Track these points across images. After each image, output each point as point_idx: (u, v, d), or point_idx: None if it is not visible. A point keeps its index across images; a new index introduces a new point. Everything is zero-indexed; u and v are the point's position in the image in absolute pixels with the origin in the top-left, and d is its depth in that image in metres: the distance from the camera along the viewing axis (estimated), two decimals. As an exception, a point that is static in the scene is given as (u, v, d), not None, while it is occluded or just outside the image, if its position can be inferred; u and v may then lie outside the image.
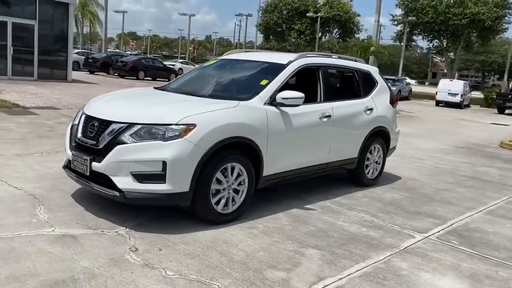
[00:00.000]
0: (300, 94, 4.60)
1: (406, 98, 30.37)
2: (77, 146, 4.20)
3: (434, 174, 7.51)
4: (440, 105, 28.26)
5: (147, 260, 3.34)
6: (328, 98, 5.36)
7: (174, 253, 3.50)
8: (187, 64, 42.76)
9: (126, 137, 3.83)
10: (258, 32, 50.41)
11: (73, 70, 20.69)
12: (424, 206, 5.52)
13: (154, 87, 5.40)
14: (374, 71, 6.41)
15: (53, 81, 17.83)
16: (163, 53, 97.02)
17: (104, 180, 3.90)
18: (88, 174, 3.98)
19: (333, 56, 6.07)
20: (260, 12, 48.32)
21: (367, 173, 6.12)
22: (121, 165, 3.78)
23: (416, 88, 42.41)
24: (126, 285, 2.95)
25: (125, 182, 3.77)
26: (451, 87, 28.05)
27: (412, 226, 4.71)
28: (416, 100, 31.67)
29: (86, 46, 66.12)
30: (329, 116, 5.21)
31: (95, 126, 4.06)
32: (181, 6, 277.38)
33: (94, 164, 3.91)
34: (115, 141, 3.85)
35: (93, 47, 70.98)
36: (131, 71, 27.48)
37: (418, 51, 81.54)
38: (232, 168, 4.21)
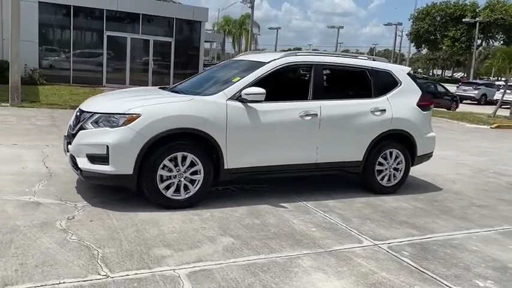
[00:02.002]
0: (261, 90, 4.68)
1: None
2: (67, 133, 5.02)
3: (493, 190, 6.52)
4: None
5: (68, 227, 3.89)
6: (319, 96, 5.25)
7: (97, 225, 3.98)
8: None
9: (88, 124, 4.48)
10: (409, 40, 47.95)
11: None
12: (423, 218, 4.97)
13: (159, 87, 5.98)
14: (397, 70, 5.96)
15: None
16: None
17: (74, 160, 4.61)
18: (66, 154, 4.73)
19: (335, 54, 5.85)
20: (411, 20, 46.00)
21: (381, 180, 5.71)
22: (80, 148, 4.44)
23: None
24: (27, 241, 3.53)
25: (83, 162, 4.42)
26: None
27: (376, 233, 4.35)
28: None
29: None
30: (314, 115, 5.11)
31: (77, 116, 4.82)
32: (349, 19, 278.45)
33: (69, 146, 4.65)
34: (81, 128, 4.53)
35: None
36: None
37: None
38: (184, 158, 4.52)
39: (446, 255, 3.94)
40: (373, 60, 5.94)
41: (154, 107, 4.47)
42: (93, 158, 4.35)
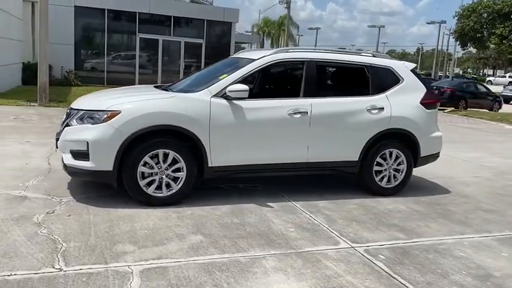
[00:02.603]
0: (243, 87, 4.61)
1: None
2: (58, 130, 5.13)
3: (509, 194, 6.13)
4: None
5: (44, 220, 3.97)
6: (311, 94, 5.11)
7: (73, 219, 4.04)
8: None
9: (73, 120, 4.57)
10: (453, 39, 46.11)
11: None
12: (417, 221, 4.72)
13: (155, 86, 6.00)
14: (399, 67, 5.70)
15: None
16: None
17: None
18: (55, 150, 4.85)
19: (331, 51, 5.65)
20: (456, 17, 44.15)
21: (380, 181, 5.48)
22: (65, 144, 4.53)
23: None
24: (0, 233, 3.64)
25: (67, 158, 4.51)
26: None
27: (358, 236, 4.17)
28: None
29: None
30: (304, 113, 4.97)
31: (67, 113, 4.92)
32: (396, 19, 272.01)
33: (58, 143, 4.76)
34: (67, 125, 4.62)
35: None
36: (450, 99, 20.29)
37: None
38: (166, 155, 4.51)
39: (426, 261, 3.71)
40: (373, 56, 5.70)
41: (134, 104, 4.50)
42: (75, 154, 4.43)
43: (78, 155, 4.40)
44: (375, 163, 5.43)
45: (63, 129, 4.62)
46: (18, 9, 15.53)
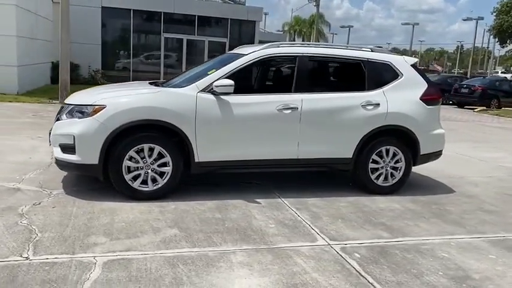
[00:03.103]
0: (228, 82, 4.59)
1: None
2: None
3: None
4: None
5: (28, 211, 4.08)
6: (302, 89, 5.03)
7: (56, 211, 4.14)
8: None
9: (63, 115, 4.67)
10: (491, 36, 44.42)
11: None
12: (407, 220, 4.57)
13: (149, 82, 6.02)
14: (399, 61, 5.52)
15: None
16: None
17: None
18: (49, 145, 4.98)
19: (325, 45, 5.53)
20: (494, 14, 42.49)
21: (376, 179, 5.34)
22: (55, 138, 4.64)
23: None
24: (-19, 223, 3.76)
25: (57, 152, 4.62)
26: None
27: (339, 233, 4.07)
28: None
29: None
30: (294, 108, 4.90)
31: (61, 108, 5.04)
32: (436, 16, 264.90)
33: (50, 137, 4.88)
34: (58, 119, 4.74)
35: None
36: (481, 98, 19.92)
37: None
38: (151, 149, 4.55)
39: (403, 261, 3.58)
40: (371, 51, 5.55)
41: (120, 98, 4.56)
42: (63, 148, 4.53)
43: (66, 148, 4.50)
44: (371, 160, 5.29)
45: (55, 123, 4.73)
46: (47, 10, 16.05)
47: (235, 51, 5.83)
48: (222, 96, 4.69)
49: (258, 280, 3.10)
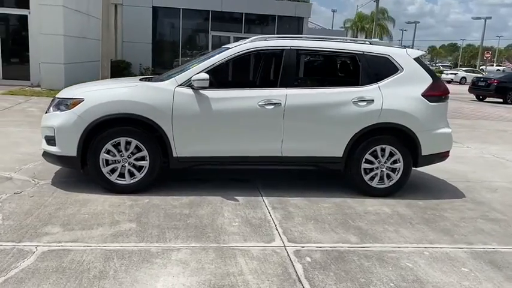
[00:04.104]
0: (203, 76, 4.52)
1: None
2: None
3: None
4: None
5: (4, 200, 4.26)
6: (288, 84, 4.84)
7: (32, 200, 4.28)
8: (473, 72, 39.44)
9: (50, 108, 4.84)
10: None
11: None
12: (389, 226, 4.25)
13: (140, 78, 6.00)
14: (400, 55, 5.13)
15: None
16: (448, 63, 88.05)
17: None
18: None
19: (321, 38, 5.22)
20: None
21: (370, 180, 5.02)
22: (42, 130, 4.82)
23: None
24: (-45, 208, 3.99)
25: (44, 143, 4.80)
26: None
27: (303, 235, 3.86)
28: None
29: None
30: (277, 104, 4.72)
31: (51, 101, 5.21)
32: None
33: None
34: (46, 111, 4.92)
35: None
36: (497, 92, 20.48)
37: None
38: (128, 143, 4.59)
39: (357, 268, 3.31)
40: (369, 44, 5.21)
41: (97, 92, 4.63)
42: (47, 140, 4.69)
43: (49, 140, 4.65)
44: (364, 160, 4.97)
45: (43, 116, 4.91)
46: (99, 11, 16.82)
47: (228, 45, 5.72)
48: (201, 91, 4.62)
49: (186, 279, 3.00)
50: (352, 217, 4.37)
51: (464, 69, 44.63)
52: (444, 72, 44.78)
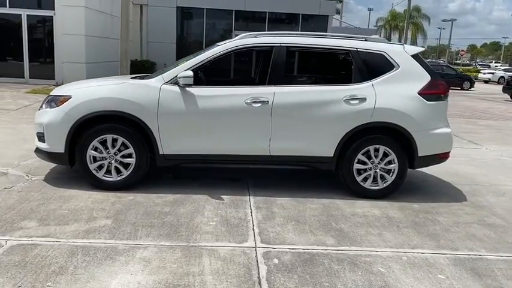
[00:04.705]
0: (188, 73, 4.49)
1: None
2: None
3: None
4: None
5: (-9, 194, 4.37)
6: (277, 82, 4.74)
7: (18, 196, 4.36)
8: (512, 72, 37.97)
9: (43, 105, 4.93)
10: None
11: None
12: (373, 229, 4.09)
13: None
14: (396, 51, 4.94)
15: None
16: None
17: None
18: (38, 135, 5.28)
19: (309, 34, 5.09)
20: None
21: (363, 181, 4.87)
22: (36, 127, 4.92)
23: None
24: None
25: (36, 140, 4.89)
26: None
27: (278, 236, 3.77)
28: None
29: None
30: (265, 102, 4.64)
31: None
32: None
33: (37, 126, 5.18)
34: (39, 109, 5.01)
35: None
36: None
37: None
38: (115, 140, 4.61)
39: (324, 272, 3.19)
40: (365, 40, 5.04)
41: (85, 89, 4.68)
42: (38, 136, 4.78)
43: (40, 137, 4.74)
44: (356, 160, 4.81)
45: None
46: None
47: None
48: (187, 89, 4.59)
49: (143, 277, 2.97)
50: (336, 219, 4.24)
51: (503, 68, 42.85)
52: (481, 71, 43.20)
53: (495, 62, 66.22)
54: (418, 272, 3.26)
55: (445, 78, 26.49)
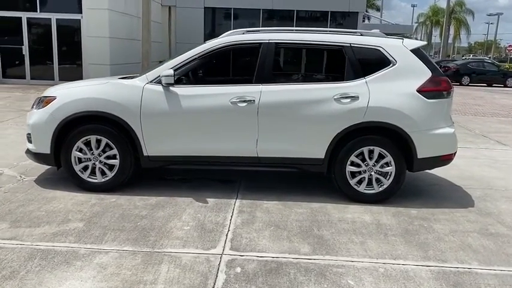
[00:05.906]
0: (168, 72, 4.36)
1: None
2: None
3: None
4: None
5: (-22, 195, 4.42)
6: (264, 80, 4.54)
7: (3, 196, 4.39)
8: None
9: (33, 106, 4.95)
10: None
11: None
12: (356, 236, 3.81)
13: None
14: (394, 46, 4.62)
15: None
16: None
17: None
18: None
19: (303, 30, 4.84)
20: None
21: (356, 184, 4.59)
22: (27, 128, 4.95)
23: None
24: None
25: (27, 141, 4.92)
26: None
27: (251, 243, 3.57)
28: None
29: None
30: (251, 101, 4.45)
31: None
32: None
33: (30, 127, 5.21)
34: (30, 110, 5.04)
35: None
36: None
37: None
38: (98, 141, 4.56)
39: (287, 283, 2.97)
40: (360, 35, 4.75)
41: (69, 90, 4.65)
42: (27, 137, 4.80)
43: (28, 138, 4.76)
44: (349, 163, 4.54)
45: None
46: (153, 13, 17.34)
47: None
48: (170, 88, 4.47)
49: (92, 285, 2.86)
50: (320, 225, 3.99)
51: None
52: None
53: None
54: (392, 286, 2.97)
55: (487, 75, 25.69)
